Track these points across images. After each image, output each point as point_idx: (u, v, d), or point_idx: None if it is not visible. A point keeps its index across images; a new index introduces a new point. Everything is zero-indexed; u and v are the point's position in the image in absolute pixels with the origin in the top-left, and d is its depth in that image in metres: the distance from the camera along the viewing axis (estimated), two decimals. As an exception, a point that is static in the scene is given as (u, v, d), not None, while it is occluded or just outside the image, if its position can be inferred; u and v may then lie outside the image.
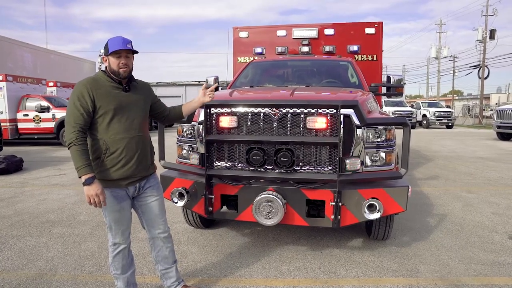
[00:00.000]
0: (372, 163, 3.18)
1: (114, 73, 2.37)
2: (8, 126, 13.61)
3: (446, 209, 5.22)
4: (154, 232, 2.65)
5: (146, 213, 2.62)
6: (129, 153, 2.39)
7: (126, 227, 2.53)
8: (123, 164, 2.38)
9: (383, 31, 6.49)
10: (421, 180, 7.27)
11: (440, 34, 45.98)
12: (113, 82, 2.38)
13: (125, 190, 2.47)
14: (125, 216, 2.50)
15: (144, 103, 2.54)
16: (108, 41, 2.38)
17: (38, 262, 3.47)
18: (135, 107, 2.44)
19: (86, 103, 2.27)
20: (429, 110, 25.18)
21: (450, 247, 3.80)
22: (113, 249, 2.54)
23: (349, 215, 3.06)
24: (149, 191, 2.59)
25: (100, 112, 2.31)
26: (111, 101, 2.33)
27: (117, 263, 2.56)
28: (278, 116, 3.06)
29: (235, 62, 7.13)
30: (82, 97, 2.27)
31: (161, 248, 2.70)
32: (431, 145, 13.87)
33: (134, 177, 2.45)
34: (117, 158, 2.36)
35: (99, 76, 2.41)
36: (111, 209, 2.43)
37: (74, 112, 2.26)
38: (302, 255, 3.60)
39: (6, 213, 5.09)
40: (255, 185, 3.17)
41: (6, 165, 7.99)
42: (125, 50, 2.35)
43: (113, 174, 2.37)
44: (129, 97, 2.42)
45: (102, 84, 2.35)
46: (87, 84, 2.32)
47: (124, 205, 2.47)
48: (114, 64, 2.34)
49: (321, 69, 5.34)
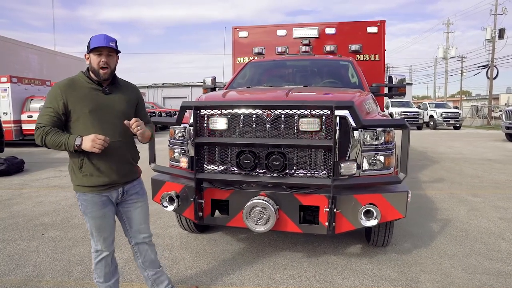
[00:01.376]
0: (370, 167, 3.03)
1: (94, 72, 2.24)
2: (13, 127, 13.68)
3: (451, 213, 5.03)
4: (139, 237, 2.53)
5: (131, 219, 2.50)
6: (108, 159, 2.25)
7: (109, 234, 2.41)
8: (102, 171, 2.25)
9: (386, 30, 6.33)
10: (426, 183, 7.07)
11: (447, 34, 45.41)
12: (92, 84, 2.26)
13: (108, 195, 2.34)
14: (107, 223, 2.38)
15: (127, 106, 2.37)
16: (91, 38, 2.25)
17: (25, 268, 3.39)
18: (114, 111, 2.29)
19: (57, 106, 2.17)
20: (436, 111, 24.81)
21: (453, 255, 3.63)
22: (95, 256, 2.44)
23: (345, 222, 2.92)
24: (134, 197, 2.47)
25: (74, 117, 2.20)
26: (86, 105, 2.20)
27: (100, 270, 2.46)
28: (270, 118, 2.93)
29: (235, 62, 7.02)
30: (54, 99, 2.18)
31: (146, 252, 2.58)
32: (437, 146, 13.60)
33: (115, 182, 2.33)
34: (95, 165, 2.23)
35: (78, 77, 2.28)
36: (93, 215, 2.32)
37: (44, 116, 2.18)
38: (297, 262, 3.47)
39: (1, 216, 5.03)
40: (247, 190, 3.04)
41: (7, 167, 7.97)
42: (106, 48, 2.21)
43: (92, 181, 2.25)
44: (109, 99, 2.28)
45: (79, 86, 2.24)
46: (62, 87, 2.21)
47: (106, 211, 2.35)
48: (94, 62, 2.21)
49: (320, 69, 5.19)
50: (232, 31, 7.03)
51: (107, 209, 2.35)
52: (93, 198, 2.29)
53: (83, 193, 2.29)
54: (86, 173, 2.24)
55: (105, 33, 2.28)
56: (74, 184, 2.31)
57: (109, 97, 2.29)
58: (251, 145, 2.89)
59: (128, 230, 2.53)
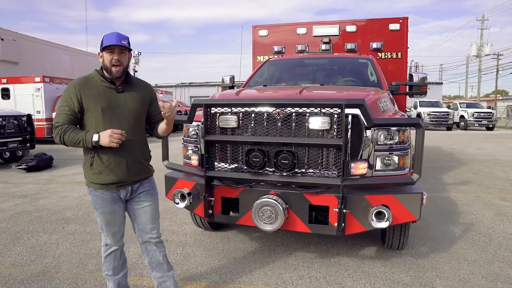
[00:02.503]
0: (383, 167, 2.94)
1: (107, 70, 2.28)
2: (45, 125, 14.34)
3: (475, 217, 4.81)
4: (145, 236, 2.54)
5: (138, 218, 2.51)
6: (119, 157, 2.29)
7: (118, 230, 2.46)
8: (111, 169, 2.29)
9: (409, 27, 6.12)
10: (451, 185, 6.80)
11: (481, 30, 43.39)
12: (106, 82, 2.30)
13: (117, 192, 2.38)
14: (116, 219, 2.42)
15: (141, 104, 2.39)
16: (104, 36, 2.29)
17: (45, 259, 3.53)
18: (127, 109, 2.32)
19: (73, 105, 2.23)
20: (468, 111, 23.81)
21: (473, 261, 3.47)
22: (105, 249, 2.51)
23: (355, 223, 2.85)
24: (142, 196, 2.47)
25: (88, 114, 2.25)
26: (99, 102, 2.25)
27: (108, 264, 2.52)
28: (281, 116, 2.91)
29: (255, 61, 7.01)
30: (69, 98, 2.24)
31: (153, 253, 2.57)
32: (467, 147, 13.05)
33: (124, 181, 2.36)
34: (105, 163, 2.28)
35: (92, 75, 2.34)
36: (102, 210, 2.37)
37: (61, 114, 2.24)
38: (309, 263, 3.42)
39: (27, 208, 5.27)
40: (256, 188, 3.03)
41: (37, 163, 8.34)
42: (118, 46, 2.25)
43: (101, 178, 2.30)
44: (122, 98, 2.32)
45: (93, 84, 2.28)
46: (76, 85, 2.26)
47: (116, 207, 2.39)
48: (107, 60, 2.25)
49: (339, 67, 5.10)
50: (252, 30, 7.03)
51: (116, 205, 2.39)
52: (103, 194, 2.35)
53: (94, 189, 2.35)
54: (96, 171, 2.29)
55: (118, 32, 2.31)
56: (86, 180, 2.38)
57: (122, 95, 2.33)
58: (260, 144, 2.87)
59: (136, 228, 2.56)
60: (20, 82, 14.56)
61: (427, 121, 22.99)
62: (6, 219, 4.79)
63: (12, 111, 9.76)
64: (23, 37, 21.92)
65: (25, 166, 8.16)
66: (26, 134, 9.39)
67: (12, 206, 5.40)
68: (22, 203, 5.60)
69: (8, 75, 16.57)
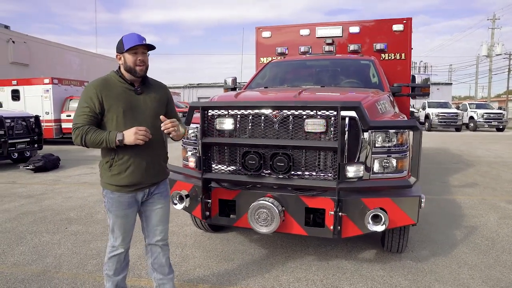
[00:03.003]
0: (381, 170, 2.92)
1: (130, 71, 2.26)
2: (53, 126, 14.53)
3: (479, 221, 4.74)
4: (153, 238, 2.54)
5: (149, 219, 2.50)
6: (138, 159, 2.28)
7: (128, 233, 2.44)
8: (131, 170, 2.27)
9: (418, 27, 6.07)
10: (456, 187, 6.71)
11: (493, 30, 42.73)
12: (125, 83, 2.29)
13: (134, 196, 2.36)
14: (128, 223, 2.40)
15: (158, 105, 2.39)
16: (123, 38, 2.27)
17: (46, 259, 3.58)
18: (146, 110, 2.32)
19: (94, 106, 2.20)
20: (477, 111, 23.47)
21: (474, 265, 3.42)
22: (111, 250, 2.47)
23: (352, 226, 2.84)
24: (156, 198, 2.46)
25: (109, 115, 2.23)
26: (120, 103, 2.23)
27: (111, 264, 2.48)
28: (277, 118, 2.91)
29: (258, 63, 7.02)
30: (89, 99, 2.20)
31: (158, 255, 2.57)
32: (475, 149, 12.87)
33: (142, 183, 2.35)
34: (125, 164, 2.26)
35: (110, 77, 2.32)
36: (116, 213, 2.35)
37: (81, 116, 2.21)
38: (307, 265, 3.41)
39: (32, 209, 5.36)
40: (253, 191, 3.04)
41: (44, 163, 8.46)
42: (142, 46, 2.25)
43: (120, 180, 2.28)
44: (141, 99, 2.31)
45: (113, 85, 2.27)
46: (97, 86, 2.24)
47: (129, 212, 2.38)
48: (130, 61, 2.23)
49: (341, 69, 5.08)
50: (255, 31, 7.04)
51: (130, 210, 2.38)
52: (120, 197, 2.32)
53: (110, 191, 2.32)
54: (115, 172, 2.27)
55: (139, 34, 2.30)
56: (103, 181, 2.35)
57: (141, 96, 2.32)
58: (256, 146, 2.88)
59: (145, 229, 2.55)
60: (30, 83, 14.79)
61: (436, 122, 22.74)
62: (11, 219, 4.87)
63: (20, 113, 9.92)
64: (34, 39, 22.30)
65: (33, 166, 8.29)
66: (34, 135, 9.53)
67: (17, 206, 5.49)
68: (27, 203, 5.69)
69: (19, 77, 16.88)
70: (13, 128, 8.91)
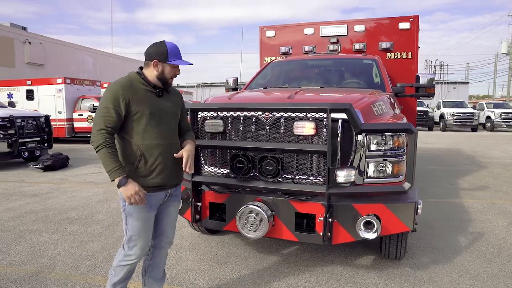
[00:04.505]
0: (375, 175, 2.81)
1: (164, 81, 2.28)
2: (66, 125, 14.79)
3: (486, 226, 4.56)
4: (162, 240, 2.49)
5: (162, 220, 2.46)
6: (163, 161, 2.26)
7: (147, 240, 2.36)
8: (157, 172, 2.25)
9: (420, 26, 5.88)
10: (466, 190, 6.50)
11: (513, 27, 41.34)
12: (148, 86, 2.27)
13: (158, 195, 2.32)
14: (149, 227, 2.34)
15: (176, 109, 2.43)
16: (168, 48, 2.26)
17: (42, 259, 3.60)
18: (168, 113, 2.33)
19: (120, 107, 2.15)
20: (495, 111, 22.79)
21: (476, 274, 3.27)
22: (124, 258, 2.36)
23: (343, 233, 2.74)
24: (172, 199, 2.46)
25: (136, 116, 2.19)
26: (147, 106, 2.21)
27: (119, 271, 2.39)
28: (269, 121, 2.84)
29: (262, 62, 6.94)
30: (116, 99, 2.15)
31: (158, 257, 2.54)
32: (491, 150, 12.47)
33: (168, 185, 2.35)
34: (151, 166, 2.24)
35: (133, 78, 2.27)
36: (138, 215, 2.26)
37: (105, 114, 2.14)
38: (300, 271, 3.33)
39: (35, 208, 5.43)
40: (243, 194, 2.97)
41: (53, 162, 8.60)
42: None
43: (146, 182, 2.23)
44: (163, 103, 2.31)
45: (137, 87, 2.24)
46: (123, 86, 2.20)
47: (151, 214, 2.32)
48: (170, 74, 2.28)
49: (342, 69, 4.96)
50: (259, 30, 6.96)
51: (152, 212, 2.33)
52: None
53: None
54: (142, 174, 2.22)
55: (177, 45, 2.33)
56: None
57: (163, 100, 2.32)
58: (244, 149, 2.81)
59: (154, 231, 2.46)
60: (43, 83, 15.09)
61: (451, 122, 22.20)
62: (14, 218, 4.94)
63: (31, 112, 10.11)
64: (49, 40, 22.77)
65: (41, 165, 8.43)
66: (44, 134, 9.70)
67: (22, 205, 5.58)
68: (32, 202, 5.77)
69: (34, 77, 17.26)
70: (24, 127, 9.08)
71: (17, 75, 18.77)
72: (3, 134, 8.63)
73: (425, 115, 22.39)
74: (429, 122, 22.72)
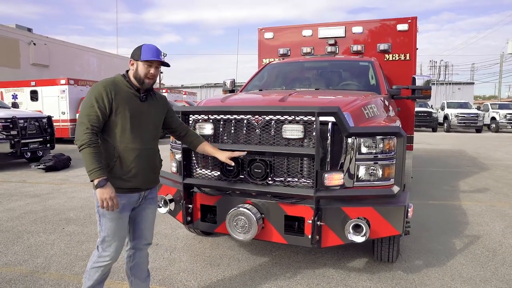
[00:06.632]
0: (365, 178, 2.81)
1: (139, 80, 2.28)
2: (69, 126, 14.90)
3: (483, 229, 4.53)
4: (140, 242, 2.52)
5: (139, 223, 2.48)
6: (139, 164, 2.29)
7: (121, 242, 2.37)
8: (132, 175, 2.28)
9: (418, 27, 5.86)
10: (465, 192, 6.46)
11: (519, 27, 40.92)
12: (132, 89, 2.29)
13: (131, 196, 2.33)
14: (123, 228, 2.36)
15: (158, 116, 2.45)
16: (142, 46, 2.30)
17: (37, 259, 3.65)
18: (149, 118, 2.35)
19: (104, 105, 2.17)
20: (499, 112, 22.61)
21: (469, 278, 3.25)
22: (98, 260, 2.36)
23: (332, 236, 2.75)
24: (148, 202, 2.47)
25: (117, 117, 2.22)
26: (128, 108, 2.24)
27: (93, 273, 2.39)
28: (259, 124, 2.85)
29: (260, 64, 6.94)
30: (101, 98, 2.17)
31: (139, 259, 2.56)
32: (494, 152, 12.38)
33: (140, 188, 2.37)
34: (126, 169, 2.26)
35: (118, 80, 2.30)
36: (111, 216, 2.27)
37: (90, 113, 2.16)
38: (292, 273, 3.34)
39: (35, 208, 5.49)
40: (233, 197, 2.99)
41: (54, 163, 8.68)
42: (157, 61, 2.29)
43: (120, 183, 2.26)
44: (145, 107, 2.33)
45: (121, 88, 2.26)
46: (107, 85, 2.22)
47: (124, 215, 2.34)
48: (142, 71, 2.26)
49: (338, 71, 4.96)
50: (257, 32, 6.97)
51: (125, 213, 2.34)
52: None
53: None
54: (117, 175, 2.24)
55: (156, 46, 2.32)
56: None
57: (145, 104, 2.34)
58: (234, 152, 2.82)
59: (133, 233, 2.51)
60: (47, 84, 15.23)
61: (455, 123, 22.06)
62: (13, 218, 5.00)
63: (33, 113, 10.21)
64: (54, 41, 22.97)
65: (43, 166, 8.51)
66: (47, 135, 9.79)
67: (22, 206, 5.64)
68: (32, 202, 5.83)
69: (39, 77, 17.44)
70: (26, 128, 9.18)
71: (22, 76, 18.96)
72: (5, 135, 8.74)
73: (429, 116, 22.27)
74: (433, 123, 22.60)
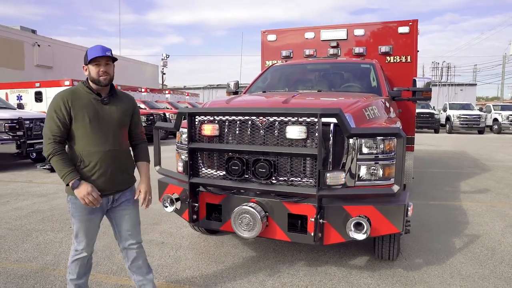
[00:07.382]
0: (366, 177, 2.90)
1: (95, 81, 2.37)
2: (73, 126, 15.04)
3: (483, 229, 4.60)
4: (126, 243, 2.63)
5: (120, 226, 2.59)
6: (102, 167, 2.38)
7: (91, 238, 2.52)
8: (96, 178, 2.36)
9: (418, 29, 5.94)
10: (466, 193, 6.52)
11: (522, 28, 40.89)
12: (92, 93, 2.39)
13: None
14: (92, 228, 2.49)
15: (124, 116, 2.51)
16: (87, 50, 2.41)
17: (46, 256, 3.74)
18: (112, 120, 2.43)
19: (63, 115, 2.30)
20: (502, 113, 22.61)
21: (467, 276, 3.33)
22: (74, 253, 2.54)
23: (334, 233, 2.83)
24: (124, 204, 2.56)
25: (76, 124, 2.33)
26: (87, 113, 2.34)
27: (74, 267, 2.56)
28: (263, 125, 2.94)
29: (263, 66, 7.05)
30: (59, 109, 2.30)
31: (134, 258, 2.66)
32: (496, 153, 12.42)
33: (106, 191, 2.43)
34: (90, 171, 2.36)
35: (78, 88, 2.42)
36: (80, 218, 2.43)
37: (51, 124, 2.30)
38: (295, 270, 3.42)
39: (42, 207, 5.59)
40: (238, 195, 3.08)
41: (60, 163, 8.79)
42: (104, 58, 2.36)
43: None
44: (107, 109, 2.42)
45: (80, 96, 2.37)
46: (64, 96, 2.34)
47: (93, 216, 2.45)
48: (94, 72, 2.35)
49: (340, 73, 5.05)
50: (261, 34, 7.07)
51: (94, 215, 2.45)
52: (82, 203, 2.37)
53: (74, 197, 2.36)
54: (82, 178, 2.32)
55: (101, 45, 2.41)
56: (67, 188, 2.37)
57: (108, 107, 2.43)
58: (239, 152, 2.92)
59: (117, 234, 2.64)
60: (51, 85, 15.40)
61: (457, 124, 22.09)
62: (22, 217, 5.10)
63: (39, 114, 10.32)
64: (57, 42, 23.17)
65: (49, 166, 8.62)
66: (52, 135, 9.89)
67: (29, 205, 5.75)
68: (39, 202, 5.94)
69: (43, 79, 17.61)
70: (32, 129, 9.29)
71: (26, 77, 19.14)
72: (12, 135, 8.86)
73: (431, 117, 22.31)
74: (435, 124, 22.64)
